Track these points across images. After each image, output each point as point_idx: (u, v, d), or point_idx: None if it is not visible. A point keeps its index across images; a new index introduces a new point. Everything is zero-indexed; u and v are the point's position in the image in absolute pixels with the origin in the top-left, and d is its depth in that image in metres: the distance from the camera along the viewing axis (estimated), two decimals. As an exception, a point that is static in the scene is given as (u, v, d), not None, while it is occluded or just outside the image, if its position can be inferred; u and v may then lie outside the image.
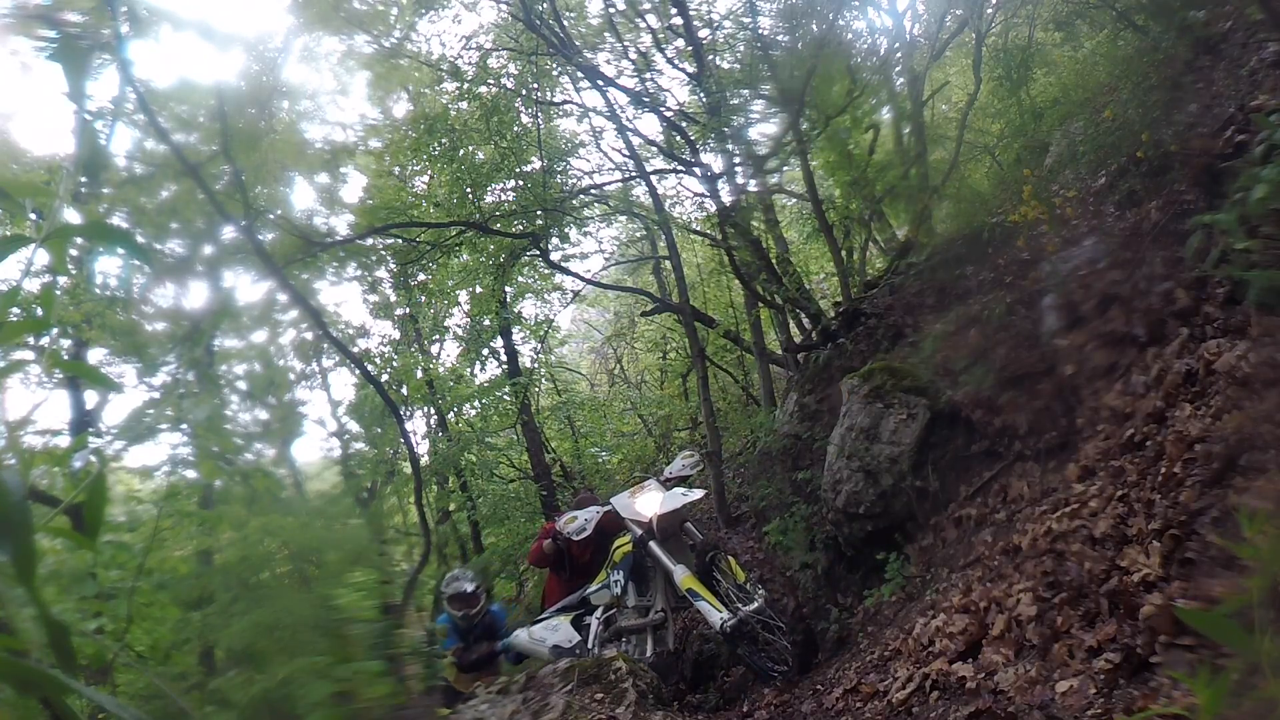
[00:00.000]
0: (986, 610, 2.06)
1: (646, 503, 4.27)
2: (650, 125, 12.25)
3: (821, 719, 2.19)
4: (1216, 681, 0.95)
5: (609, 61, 7.77)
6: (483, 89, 7.50)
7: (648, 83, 7.57)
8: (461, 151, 7.62)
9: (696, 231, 9.01)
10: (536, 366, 10.35)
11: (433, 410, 10.30)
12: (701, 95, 6.98)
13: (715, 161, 7.12)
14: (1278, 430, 1.88)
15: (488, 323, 9.36)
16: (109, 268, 6.85)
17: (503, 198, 7.91)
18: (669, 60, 7.76)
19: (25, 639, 0.65)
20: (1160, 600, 1.65)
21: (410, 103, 8.70)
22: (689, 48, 7.29)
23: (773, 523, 4.99)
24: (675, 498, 4.23)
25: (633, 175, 8.55)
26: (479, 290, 8.84)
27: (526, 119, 7.87)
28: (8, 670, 0.60)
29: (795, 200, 10.12)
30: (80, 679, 0.61)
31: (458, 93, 7.64)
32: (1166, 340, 2.63)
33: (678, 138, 7.10)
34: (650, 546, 4.14)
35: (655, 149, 7.94)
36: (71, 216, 0.84)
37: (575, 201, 8.26)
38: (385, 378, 9.35)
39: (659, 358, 12.90)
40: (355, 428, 11.30)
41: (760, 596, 3.81)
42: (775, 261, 6.51)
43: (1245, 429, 1.95)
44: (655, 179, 8.18)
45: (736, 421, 9.48)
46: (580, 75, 7.56)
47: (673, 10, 7.22)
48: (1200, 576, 1.68)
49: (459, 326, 10.40)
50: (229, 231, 6.99)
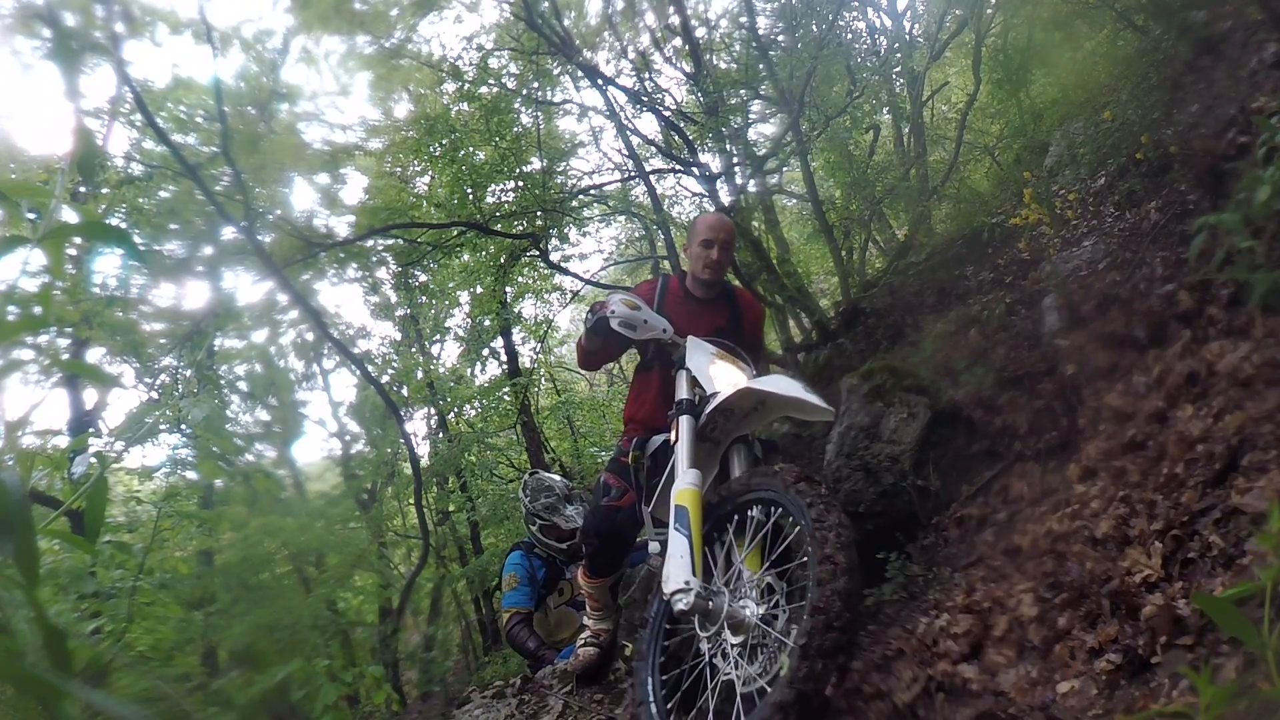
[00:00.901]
0: (989, 611, 2.06)
1: (727, 373, 2.53)
2: (649, 125, 12.26)
3: (822, 718, 2.19)
4: (1219, 681, 0.95)
5: (608, 61, 7.79)
6: (483, 89, 7.50)
7: (646, 82, 7.58)
8: (462, 152, 7.62)
9: (696, 232, 8.99)
10: (536, 366, 10.34)
11: (433, 411, 10.29)
12: (699, 95, 6.98)
13: (714, 161, 7.12)
14: (1279, 430, 1.88)
15: (488, 323, 9.36)
16: (108, 267, 6.85)
17: (503, 198, 7.91)
18: (667, 59, 7.77)
19: (21, 641, 0.64)
20: (1161, 601, 1.65)
21: (411, 103, 8.70)
22: (686, 47, 7.29)
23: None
24: (784, 383, 2.52)
25: (632, 175, 8.55)
26: (479, 290, 8.83)
27: (527, 119, 7.87)
28: (6, 671, 0.60)
29: (795, 200, 10.12)
30: (77, 682, 0.61)
31: (458, 93, 7.64)
32: (1168, 341, 2.63)
33: (676, 138, 7.10)
34: (680, 427, 2.49)
35: (654, 149, 7.94)
36: (69, 216, 0.84)
37: (575, 202, 8.26)
38: (386, 379, 9.35)
39: (659, 358, 12.87)
40: (356, 429, 11.33)
41: (763, 621, 2.05)
42: (775, 261, 6.51)
43: (1247, 429, 1.94)
44: (654, 179, 8.18)
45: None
46: (580, 74, 7.56)
47: (670, 9, 7.22)
48: (1201, 577, 1.68)
49: (459, 327, 10.40)
50: (229, 232, 7.00)
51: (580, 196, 8.56)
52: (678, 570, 2.15)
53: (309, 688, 2.16)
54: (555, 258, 8.45)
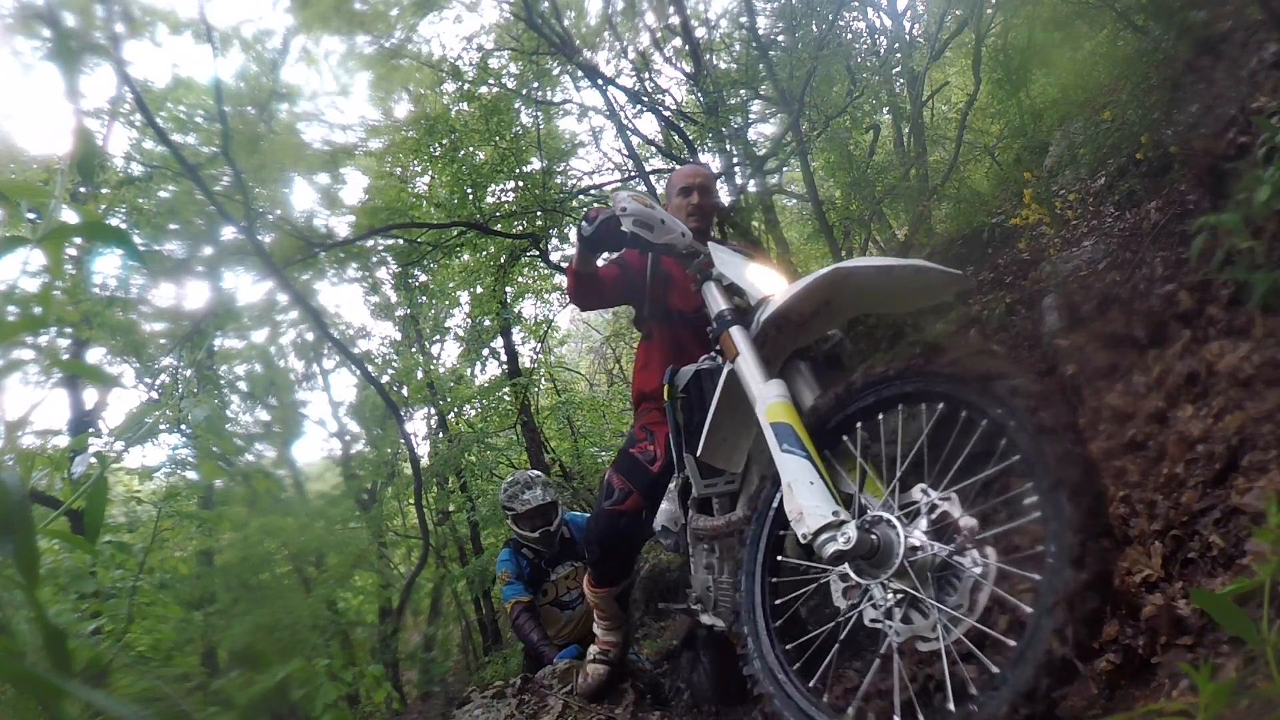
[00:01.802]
0: (989, 610, 2.06)
1: (768, 276, 2.05)
2: (650, 125, 12.28)
3: (822, 717, 2.19)
4: (1219, 679, 0.95)
5: (608, 61, 7.79)
6: (483, 89, 7.50)
7: (646, 82, 7.58)
8: (462, 152, 7.62)
9: (696, 231, 8.99)
10: (536, 366, 10.35)
11: (433, 411, 10.29)
12: (699, 95, 6.98)
13: (714, 161, 7.12)
14: (1279, 430, 1.88)
15: (488, 323, 9.36)
16: (108, 267, 6.85)
17: (503, 198, 7.92)
18: (667, 59, 7.77)
19: (21, 641, 0.64)
20: (1161, 601, 1.65)
21: (411, 103, 8.71)
22: (686, 47, 7.30)
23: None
24: (874, 261, 2.01)
25: (632, 175, 8.55)
26: (479, 290, 8.84)
27: (527, 119, 7.88)
28: (6, 671, 0.60)
29: (795, 200, 10.12)
30: (77, 682, 0.61)
31: (458, 93, 7.65)
32: (1168, 341, 2.63)
33: (676, 138, 7.10)
34: (733, 339, 1.94)
35: (654, 149, 7.94)
36: (69, 216, 0.84)
37: (575, 202, 8.26)
38: (386, 379, 9.35)
39: (659, 358, 12.88)
40: (356, 429, 11.33)
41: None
42: (775, 262, 6.51)
43: (1247, 429, 1.94)
44: (654, 179, 8.18)
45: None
46: (580, 74, 7.56)
47: (670, 9, 7.23)
48: (1201, 577, 1.68)
49: (459, 327, 10.41)
50: (229, 232, 7.00)
51: (580, 196, 8.57)
52: (815, 500, 1.54)
53: (309, 687, 2.16)
54: (555, 258, 8.46)
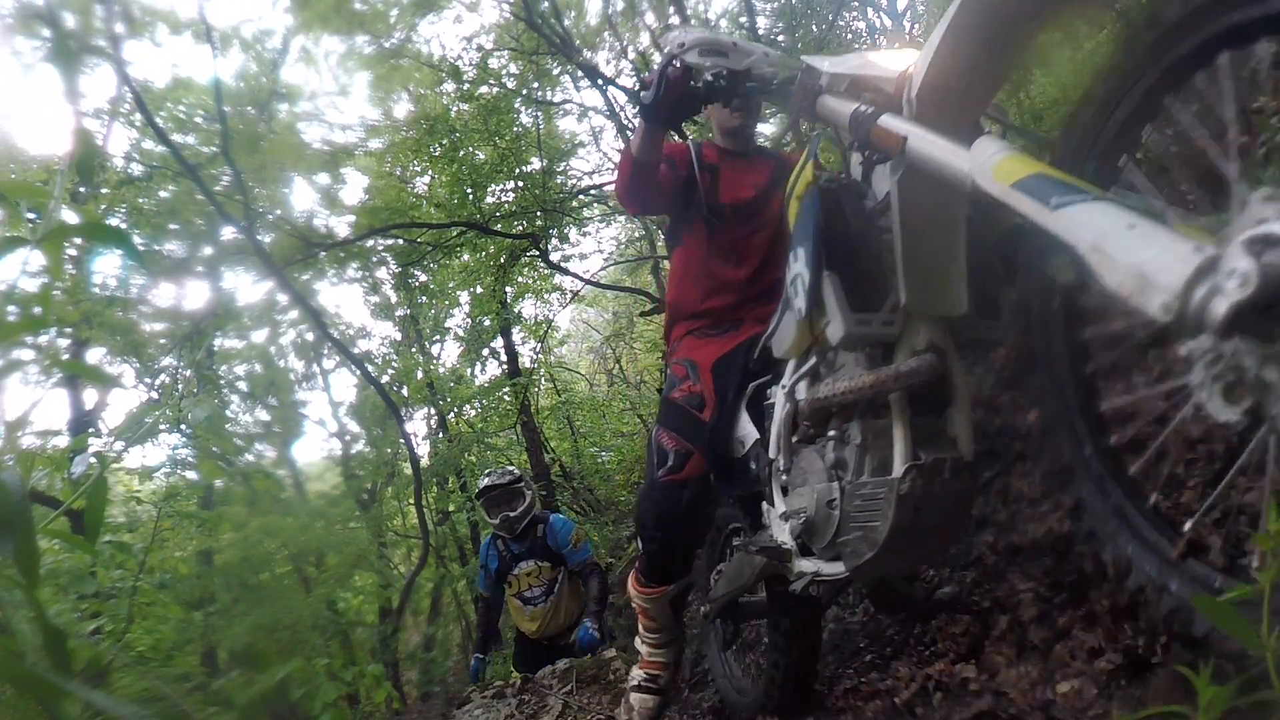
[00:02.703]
0: (989, 610, 2.06)
1: (888, 56, 1.45)
2: (650, 125, 12.31)
3: (822, 717, 2.19)
4: (1219, 684, 0.95)
5: (608, 61, 7.80)
6: (483, 89, 7.51)
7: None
8: (462, 152, 7.63)
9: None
10: (536, 366, 10.35)
11: (433, 411, 10.30)
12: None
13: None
14: (1279, 430, 1.87)
15: (488, 323, 9.37)
16: (108, 267, 6.86)
17: (503, 198, 7.92)
18: (668, 60, 7.77)
19: (21, 641, 0.65)
20: (1162, 601, 1.65)
21: (411, 103, 8.72)
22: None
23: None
24: None
25: (632, 175, 8.55)
26: (479, 290, 8.85)
27: (527, 119, 7.88)
28: (6, 671, 0.60)
29: (795, 200, 10.12)
30: (77, 682, 0.61)
31: (458, 93, 7.65)
32: (1169, 340, 2.63)
33: (676, 137, 7.11)
34: (888, 126, 1.29)
35: (655, 149, 7.93)
36: (69, 217, 0.84)
37: (575, 202, 8.27)
38: (386, 379, 9.36)
39: (658, 358, 12.90)
40: (356, 429, 11.34)
41: None
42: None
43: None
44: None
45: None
46: (580, 74, 7.57)
47: (670, 9, 7.23)
48: (1202, 577, 1.68)
49: (459, 327, 10.41)
50: (229, 232, 7.01)
51: (580, 196, 8.57)
52: (1152, 246, 0.87)
53: (309, 687, 2.16)
54: (555, 258, 8.46)
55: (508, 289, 8.86)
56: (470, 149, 7.75)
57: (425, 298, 9.78)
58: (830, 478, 1.53)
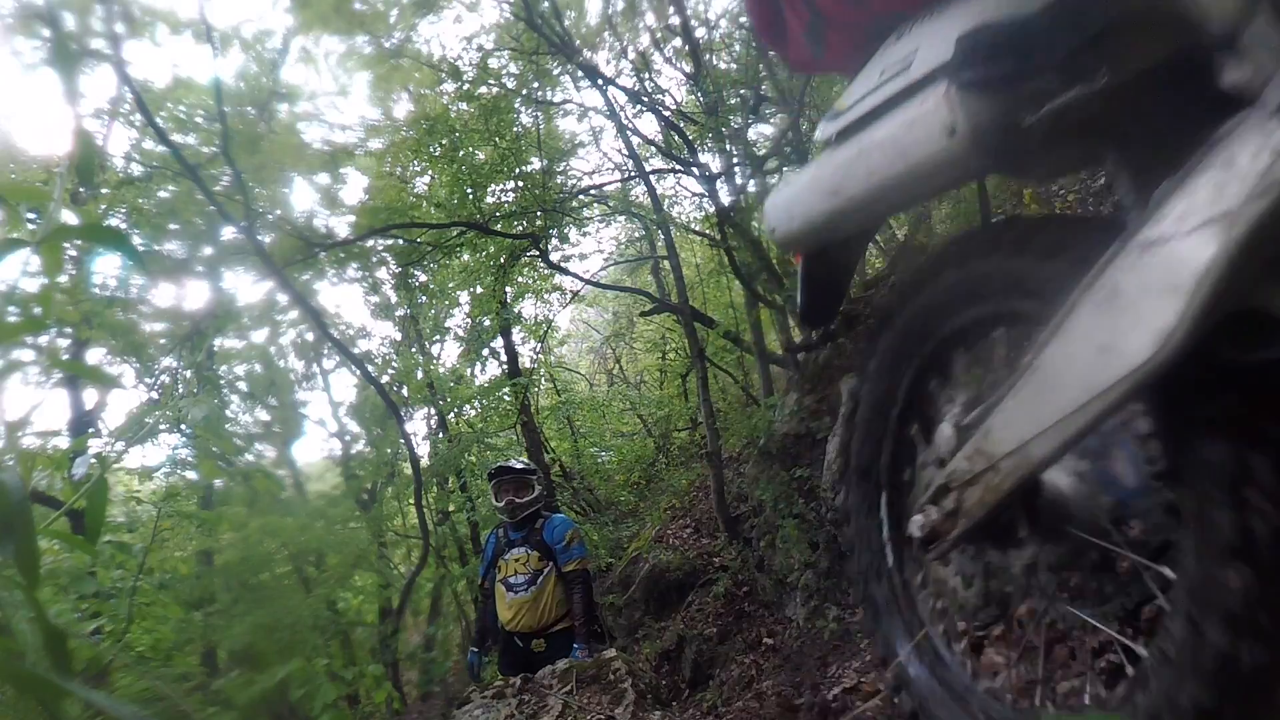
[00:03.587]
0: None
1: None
2: (649, 125, 12.30)
3: (822, 717, 2.19)
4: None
5: (608, 61, 7.80)
6: (483, 89, 7.51)
7: (646, 82, 7.58)
8: (462, 152, 7.63)
9: (696, 231, 9.01)
10: (536, 366, 10.36)
11: (433, 411, 10.30)
12: (699, 95, 6.98)
13: (714, 161, 7.12)
14: None
15: (488, 323, 9.37)
16: (108, 268, 6.86)
17: (503, 198, 7.92)
18: (667, 59, 7.78)
19: (21, 641, 0.65)
20: (1162, 600, 1.65)
21: (411, 103, 8.72)
22: (686, 47, 7.30)
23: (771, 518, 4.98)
24: None
25: (632, 175, 8.55)
26: (479, 290, 8.84)
27: (527, 119, 7.88)
28: (6, 671, 0.60)
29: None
30: (77, 682, 0.61)
31: (458, 93, 7.65)
32: (1167, 340, 2.63)
33: (676, 138, 7.10)
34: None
35: (654, 149, 7.94)
36: (69, 218, 0.84)
37: (575, 202, 8.27)
38: (386, 379, 9.36)
39: (658, 358, 12.90)
40: (356, 429, 11.33)
41: None
42: (775, 261, 6.52)
43: (1246, 429, 1.94)
44: (654, 179, 8.18)
45: (736, 422, 9.49)
46: (580, 74, 7.57)
47: (670, 9, 7.23)
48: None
49: (459, 327, 10.41)
50: (229, 232, 7.01)
51: (580, 196, 8.57)
52: None
53: (309, 687, 2.16)
54: (555, 258, 8.46)
55: (508, 289, 8.86)
56: (470, 149, 7.75)
57: (425, 298, 9.77)
58: None
